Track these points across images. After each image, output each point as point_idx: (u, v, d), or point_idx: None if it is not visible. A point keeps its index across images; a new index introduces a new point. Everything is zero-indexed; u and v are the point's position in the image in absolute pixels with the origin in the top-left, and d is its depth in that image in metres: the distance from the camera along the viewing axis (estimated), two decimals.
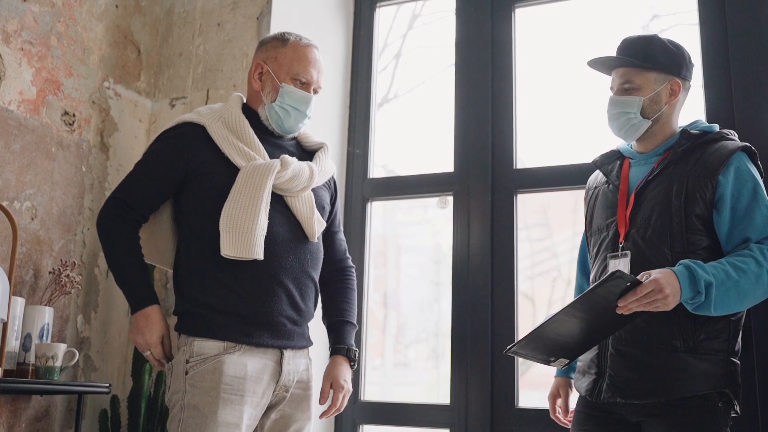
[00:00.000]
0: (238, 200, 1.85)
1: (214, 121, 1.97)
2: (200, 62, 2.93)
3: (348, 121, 3.15)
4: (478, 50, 2.95)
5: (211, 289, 1.87)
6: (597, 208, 2.03)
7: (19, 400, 2.38)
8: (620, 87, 1.97)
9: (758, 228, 1.80)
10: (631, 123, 1.96)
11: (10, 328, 2.23)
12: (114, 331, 2.75)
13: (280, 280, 1.90)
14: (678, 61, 1.97)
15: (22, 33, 2.49)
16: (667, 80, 1.95)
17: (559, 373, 2.11)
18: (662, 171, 1.91)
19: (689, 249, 1.82)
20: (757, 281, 1.75)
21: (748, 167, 1.87)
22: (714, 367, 1.79)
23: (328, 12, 3.14)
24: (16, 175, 2.42)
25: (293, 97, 2.00)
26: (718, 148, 1.89)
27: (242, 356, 1.84)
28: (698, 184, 1.84)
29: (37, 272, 2.46)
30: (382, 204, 3.12)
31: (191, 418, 1.79)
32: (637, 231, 1.88)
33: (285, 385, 1.91)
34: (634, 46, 1.97)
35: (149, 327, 1.89)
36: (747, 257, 1.76)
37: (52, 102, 2.58)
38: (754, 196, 1.83)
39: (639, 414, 1.85)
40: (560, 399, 2.09)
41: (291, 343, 1.92)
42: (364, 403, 2.88)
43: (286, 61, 2.02)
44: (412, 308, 3.20)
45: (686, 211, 1.83)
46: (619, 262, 1.87)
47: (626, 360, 1.84)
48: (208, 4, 2.99)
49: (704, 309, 1.73)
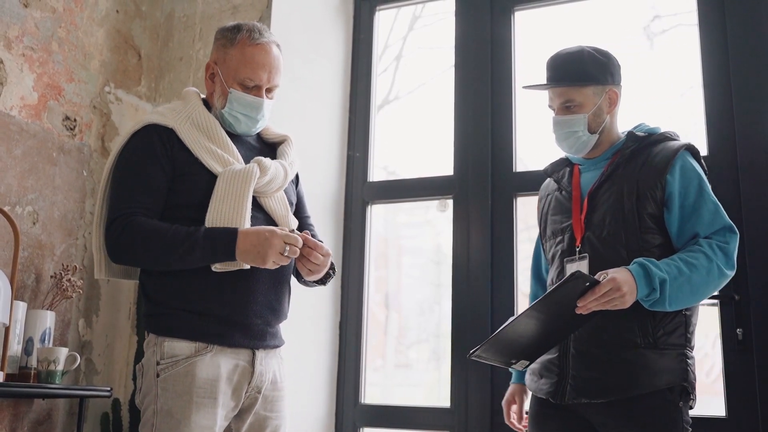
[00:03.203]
0: (220, 209, 1.81)
1: (182, 123, 1.89)
2: (200, 66, 2.94)
3: (348, 124, 3.16)
4: (478, 53, 2.96)
5: (183, 291, 1.82)
6: (551, 215, 2.07)
7: (21, 403, 2.39)
8: (562, 106, 2.00)
9: (706, 223, 1.86)
10: (581, 141, 2.00)
11: (12, 333, 2.24)
12: (115, 335, 2.76)
13: (256, 281, 1.85)
14: (610, 69, 2.01)
15: (24, 39, 2.50)
16: (604, 91, 1.99)
17: (514, 379, 2.13)
18: (612, 174, 1.96)
19: (644, 247, 1.87)
20: (708, 275, 1.80)
21: (692, 165, 1.93)
22: (673, 362, 1.84)
23: (328, 16, 3.15)
24: (18, 180, 2.43)
25: (242, 104, 1.92)
26: (663, 148, 1.94)
27: (215, 357, 1.80)
28: (648, 184, 1.89)
29: (39, 276, 2.47)
30: (382, 207, 3.14)
31: (164, 423, 1.75)
32: (593, 233, 1.92)
33: (257, 386, 1.86)
34: (567, 64, 1.99)
35: (259, 234, 1.76)
36: (697, 252, 1.82)
37: (54, 107, 2.59)
38: (701, 193, 1.89)
39: (601, 413, 1.87)
40: (515, 405, 2.11)
41: (263, 343, 1.88)
42: (365, 406, 2.90)
43: (234, 64, 1.91)
44: (413, 309, 3.20)
45: (639, 211, 1.88)
46: (577, 264, 1.91)
47: (589, 360, 1.86)
48: (209, 8, 3.00)
49: (660, 305, 1.78)
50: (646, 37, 2.92)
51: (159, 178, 1.86)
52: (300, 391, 2.76)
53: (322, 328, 2.93)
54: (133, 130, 1.91)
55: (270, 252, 1.75)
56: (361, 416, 2.89)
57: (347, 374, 2.93)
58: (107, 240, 1.84)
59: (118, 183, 1.89)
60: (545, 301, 1.74)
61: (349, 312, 2.98)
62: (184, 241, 1.77)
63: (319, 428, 2.85)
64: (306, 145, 2.93)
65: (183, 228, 1.79)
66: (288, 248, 1.76)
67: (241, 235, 1.77)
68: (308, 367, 2.84)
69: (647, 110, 2.82)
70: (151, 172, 1.85)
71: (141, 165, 1.86)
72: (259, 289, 1.87)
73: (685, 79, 2.78)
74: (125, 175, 1.88)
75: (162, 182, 1.86)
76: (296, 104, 2.90)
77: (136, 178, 1.86)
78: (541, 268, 2.18)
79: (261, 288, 1.87)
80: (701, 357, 2.61)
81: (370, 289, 3.02)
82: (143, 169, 1.86)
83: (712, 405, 2.47)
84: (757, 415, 2.33)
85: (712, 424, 2.41)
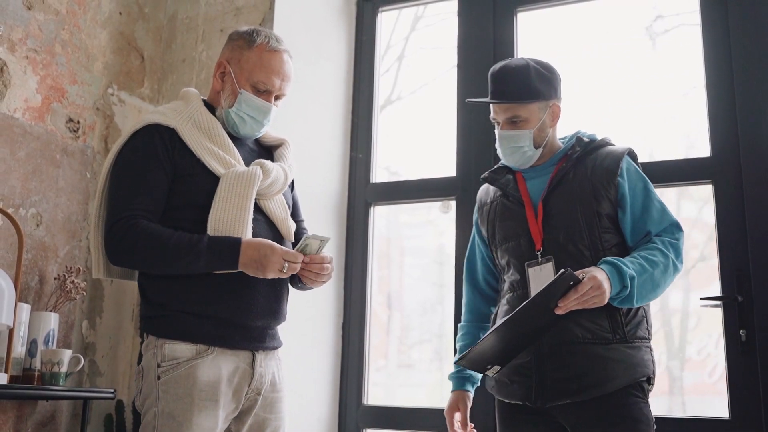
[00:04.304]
0: (224, 211, 1.81)
1: (183, 123, 1.89)
2: (203, 68, 2.95)
3: (350, 125, 3.16)
4: (480, 54, 2.95)
5: (184, 293, 1.82)
6: (499, 221, 2.06)
7: (25, 405, 2.40)
8: (507, 121, 2.01)
9: (656, 221, 1.93)
10: (526, 156, 2.02)
11: (16, 334, 2.25)
12: (119, 337, 2.77)
13: (257, 283, 1.86)
14: (554, 84, 2.03)
15: (27, 41, 2.51)
16: (548, 106, 2.02)
17: (455, 386, 2.10)
18: (563, 178, 1.99)
19: (605, 247, 1.92)
20: (666, 271, 1.87)
21: (635, 167, 2.01)
22: (645, 354, 1.90)
23: (330, 17, 3.15)
24: (22, 182, 2.44)
25: (251, 105, 1.94)
26: (610, 152, 2.01)
27: (216, 359, 1.80)
28: (602, 186, 1.94)
29: (43, 278, 2.48)
30: (385, 208, 3.14)
31: (166, 426, 1.75)
32: (552, 237, 1.94)
33: (257, 388, 1.87)
34: (513, 80, 2.00)
35: (259, 250, 1.77)
36: (654, 250, 1.88)
37: (57, 109, 2.60)
38: (647, 193, 1.96)
39: (573, 414, 1.87)
40: (458, 413, 2.08)
41: (263, 345, 1.89)
42: (368, 407, 2.90)
43: (249, 66, 1.93)
44: (415, 309, 3.20)
45: (597, 212, 1.93)
46: (540, 268, 1.93)
47: (565, 359, 1.87)
48: (211, 10, 3.01)
49: (628, 302, 1.84)
50: (649, 37, 2.92)
51: (160, 180, 1.85)
52: (303, 392, 2.76)
53: (324, 329, 2.93)
54: (134, 129, 1.90)
55: (269, 267, 1.78)
56: (364, 417, 2.89)
57: (350, 375, 2.94)
58: (108, 242, 1.83)
59: (119, 184, 1.86)
60: (533, 303, 1.75)
61: (352, 313, 2.98)
62: (187, 250, 1.77)
63: (321, 429, 2.86)
64: (309, 146, 2.93)
65: (185, 236, 1.79)
66: (287, 265, 1.79)
67: (243, 248, 1.78)
68: (311, 368, 2.84)
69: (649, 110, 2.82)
70: (153, 173, 1.84)
71: (142, 166, 1.85)
72: (260, 291, 1.88)
73: (687, 79, 2.77)
74: (126, 175, 1.86)
75: (163, 184, 1.85)
76: (299, 105, 2.90)
77: (137, 179, 1.84)
78: (477, 274, 2.17)
79: (262, 290, 1.88)
80: (704, 358, 2.61)
81: (372, 289, 3.03)
82: (145, 170, 1.84)
83: (715, 406, 2.48)
84: (761, 417, 2.33)
85: (715, 425, 2.41)
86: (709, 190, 2.58)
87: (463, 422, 2.07)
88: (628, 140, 2.12)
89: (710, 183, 2.56)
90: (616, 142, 2.08)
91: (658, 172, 2.60)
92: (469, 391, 2.10)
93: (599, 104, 2.89)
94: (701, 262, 2.69)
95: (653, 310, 2.02)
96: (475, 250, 2.18)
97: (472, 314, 2.16)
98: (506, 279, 2.04)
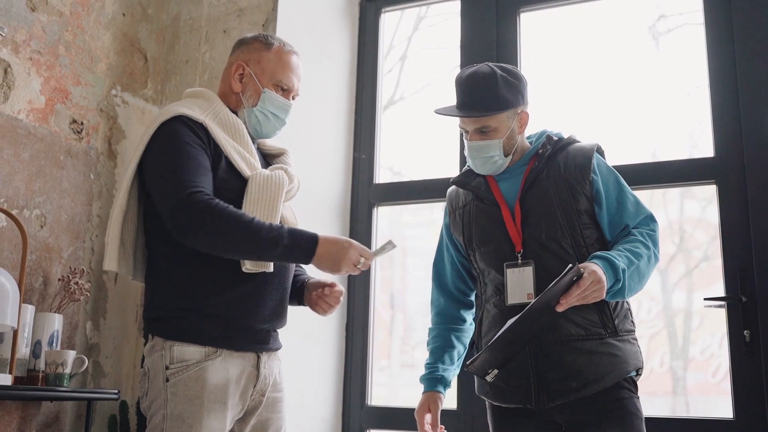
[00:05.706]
0: (255, 213, 1.81)
1: (210, 120, 1.89)
2: (206, 69, 2.95)
3: (353, 126, 3.16)
4: (483, 54, 2.95)
5: (192, 295, 1.82)
6: (475, 224, 2.04)
7: (29, 406, 2.40)
8: (476, 131, 1.99)
9: (632, 215, 1.95)
10: (497, 165, 2.02)
11: (20, 336, 2.25)
12: (123, 338, 2.77)
13: (266, 285, 1.87)
14: (521, 90, 2.01)
15: (31, 43, 2.51)
16: (516, 114, 2.00)
17: (427, 387, 2.09)
18: (537, 178, 1.99)
19: (587, 243, 1.93)
20: (649, 262, 1.89)
21: (605, 163, 2.02)
22: (634, 347, 1.92)
23: (333, 18, 3.16)
24: (26, 183, 2.45)
25: (275, 104, 1.97)
26: (580, 149, 2.01)
27: (224, 361, 1.81)
28: (577, 182, 1.95)
29: (47, 280, 2.48)
30: (388, 208, 3.14)
31: (175, 429, 1.74)
32: (533, 236, 1.94)
33: (261, 389, 1.88)
34: (481, 91, 1.97)
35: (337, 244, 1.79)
36: (635, 242, 1.89)
37: (61, 110, 2.60)
38: (620, 188, 1.97)
39: (571, 411, 1.87)
40: (429, 414, 2.07)
41: (267, 347, 1.91)
42: (371, 408, 2.90)
43: (270, 66, 1.97)
44: (418, 309, 3.20)
45: (576, 209, 1.93)
46: (521, 270, 1.92)
47: (560, 359, 1.87)
48: (214, 11, 3.01)
49: (620, 295, 1.84)
50: (652, 37, 2.92)
51: (207, 163, 1.81)
52: (306, 392, 2.77)
53: (327, 329, 2.93)
54: (161, 120, 1.85)
55: (345, 262, 1.79)
56: (368, 418, 2.89)
57: (353, 376, 2.94)
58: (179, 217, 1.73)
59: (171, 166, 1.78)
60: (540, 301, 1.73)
61: (355, 313, 2.99)
62: (268, 234, 1.74)
63: (325, 430, 2.86)
64: (312, 147, 2.93)
65: (264, 222, 1.77)
66: (363, 260, 1.80)
67: (321, 241, 1.78)
68: (314, 368, 2.85)
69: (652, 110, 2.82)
70: (203, 158, 1.81)
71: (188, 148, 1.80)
72: (267, 294, 1.89)
73: (691, 79, 2.77)
74: (175, 157, 1.78)
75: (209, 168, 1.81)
76: (302, 106, 2.89)
77: (189, 160, 1.78)
78: (446, 277, 2.15)
79: (269, 293, 1.89)
80: (707, 358, 2.61)
81: (375, 288, 3.03)
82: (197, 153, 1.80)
83: (719, 406, 2.48)
84: (765, 417, 2.33)
85: (720, 425, 2.41)
86: (712, 190, 2.57)
87: (433, 423, 2.06)
88: (632, 140, 2.13)
89: (714, 183, 2.56)
90: (582, 139, 2.08)
91: (662, 172, 2.60)
92: (441, 393, 2.08)
93: (602, 104, 2.89)
94: (705, 262, 2.68)
95: (656, 309, 2.03)
96: (444, 254, 2.16)
97: (441, 317, 2.14)
98: (488, 282, 2.01)
